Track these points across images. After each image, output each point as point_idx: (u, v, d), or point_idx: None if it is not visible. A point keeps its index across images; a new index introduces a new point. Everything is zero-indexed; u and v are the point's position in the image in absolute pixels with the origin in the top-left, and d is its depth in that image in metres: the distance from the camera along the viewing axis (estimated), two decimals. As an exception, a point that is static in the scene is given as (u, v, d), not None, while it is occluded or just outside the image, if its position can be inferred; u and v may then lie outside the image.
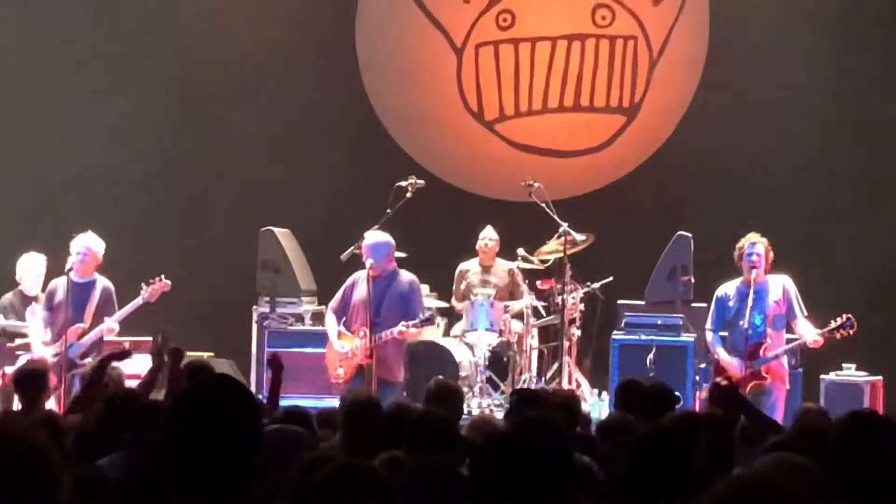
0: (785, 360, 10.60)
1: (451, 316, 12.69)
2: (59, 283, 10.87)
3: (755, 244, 10.46)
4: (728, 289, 10.66)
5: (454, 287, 12.66)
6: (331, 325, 10.98)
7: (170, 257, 13.52)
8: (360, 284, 10.86)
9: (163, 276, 11.10)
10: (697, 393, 10.84)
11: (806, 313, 10.48)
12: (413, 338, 11.14)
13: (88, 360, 10.38)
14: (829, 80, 13.55)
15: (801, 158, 13.55)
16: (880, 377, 11.78)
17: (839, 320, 10.29)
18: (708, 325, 10.79)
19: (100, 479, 4.76)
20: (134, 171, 14.12)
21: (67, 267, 10.81)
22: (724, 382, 7.21)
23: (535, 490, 3.80)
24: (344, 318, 10.92)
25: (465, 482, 4.12)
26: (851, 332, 10.28)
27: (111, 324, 10.87)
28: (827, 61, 13.52)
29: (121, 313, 10.95)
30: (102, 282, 11.05)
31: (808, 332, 10.38)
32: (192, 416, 3.37)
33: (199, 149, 14.23)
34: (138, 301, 10.98)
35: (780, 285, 10.50)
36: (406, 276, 11.03)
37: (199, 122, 14.22)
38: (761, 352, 10.36)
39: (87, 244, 11.03)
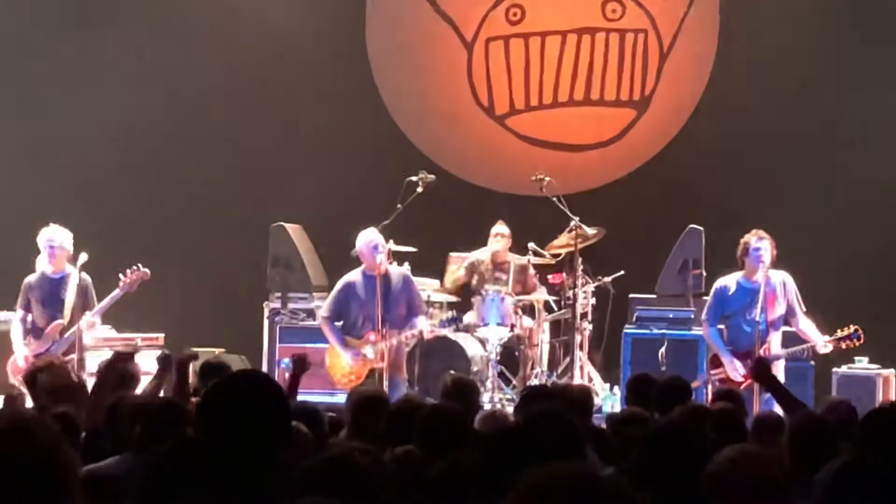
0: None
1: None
2: (32, 280, 10.68)
3: (763, 239, 10.25)
4: (727, 282, 10.50)
5: (460, 273, 12.58)
6: (333, 333, 10.80)
7: (181, 253, 13.55)
8: (358, 287, 10.73)
9: (140, 265, 10.65)
10: (708, 386, 10.79)
11: (805, 309, 10.38)
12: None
13: (72, 356, 10.13)
14: (839, 73, 13.51)
15: (811, 152, 13.51)
16: (893, 370, 11.74)
17: (847, 330, 10.11)
18: (704, 316, 10.67)
19: (111, 478, 4.75)
20: (147, 166, 14.14)
21: (39, 261, 10.60)
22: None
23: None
24: (341, 323, 10.77)
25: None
26: (858, 343, 10.15)
27: (91, 318, 10.43)
28: (838, 55, 13.50)
29: (100, 306, 10.52)
30: (76, 273, 10.56)
31: (816, 337, 10.25)
32: (224, 410, 3.36)
33: (212, 144, 14.24)
34: (117, 293, 10.52)
35: (781, 281, 10.36)
36: (398, 270, 11.02)
37: (211, 119, 14.23)
38: (762, 351, 10.18)
39: (53, 235, 10.62)
